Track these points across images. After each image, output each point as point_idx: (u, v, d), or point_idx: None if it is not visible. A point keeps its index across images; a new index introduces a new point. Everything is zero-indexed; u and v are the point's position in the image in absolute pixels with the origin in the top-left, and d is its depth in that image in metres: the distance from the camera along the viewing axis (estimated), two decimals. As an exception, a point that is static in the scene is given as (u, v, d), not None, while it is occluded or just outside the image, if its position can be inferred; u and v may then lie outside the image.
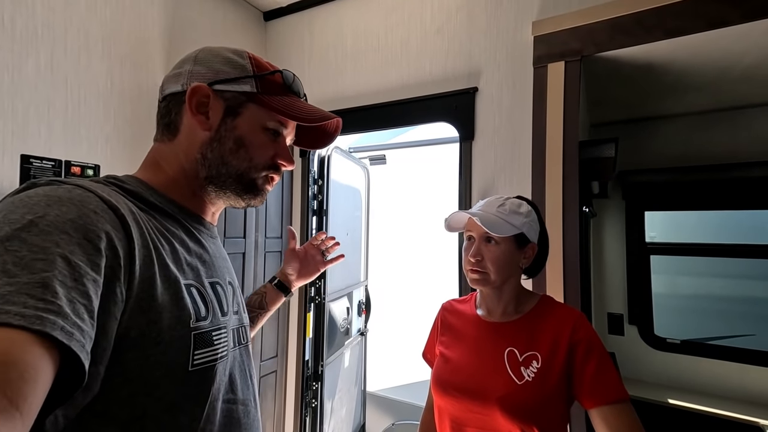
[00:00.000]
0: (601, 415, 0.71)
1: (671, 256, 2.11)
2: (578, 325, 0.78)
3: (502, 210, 0.82)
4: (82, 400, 0.38)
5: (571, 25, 1.32)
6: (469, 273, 0.84)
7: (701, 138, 1.94)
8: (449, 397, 0.82)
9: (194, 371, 0.46)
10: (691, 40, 1.20)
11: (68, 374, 0.34)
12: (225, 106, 0.55)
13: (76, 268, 0.35)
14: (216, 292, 0.54)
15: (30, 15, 1.17)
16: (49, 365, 0.32)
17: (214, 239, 0.62)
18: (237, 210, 1.69)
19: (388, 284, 3.77)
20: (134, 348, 0.41)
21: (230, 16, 1.88)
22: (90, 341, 0.35)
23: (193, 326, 0.46)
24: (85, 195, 0.41)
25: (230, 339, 0.54)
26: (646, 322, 2.05)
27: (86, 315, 0.35)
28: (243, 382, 0.56)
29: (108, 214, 0.41)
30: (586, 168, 1.39)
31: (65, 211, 0.38)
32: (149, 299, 0.42)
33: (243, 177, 0.57)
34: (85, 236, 0.38)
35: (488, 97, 1.52)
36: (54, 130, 1.23)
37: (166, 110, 0.56)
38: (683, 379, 1.93)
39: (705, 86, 1.59)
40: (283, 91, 0.58)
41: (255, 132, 0.56)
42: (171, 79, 0.56)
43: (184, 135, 0.56)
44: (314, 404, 2.02)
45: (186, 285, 0.48)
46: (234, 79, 0.55)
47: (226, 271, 0.60)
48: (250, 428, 0.55)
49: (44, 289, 0.33)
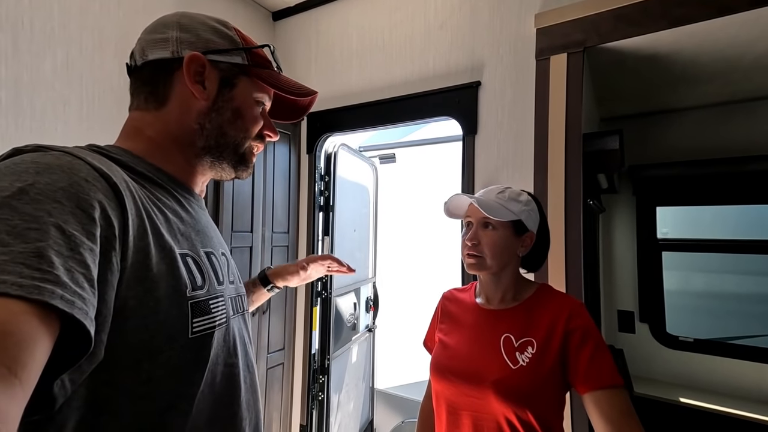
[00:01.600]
0: (593, 399, 0.71)
1: (684, 253, 2.06)
2: (575, 312, 0.78)
3: (502, 197, 0.84)
4: (88, 366, 0.38)
5: (573, 17, 1.31)
6: (466, 258, 0.85)
7: (716, 131, 1.89)
8: (446, 382, 0.83)
9: (194, 338, 0.47)
10: (697, 28, 1.18)
11: (74, 341, 0.34)
12: (220, 77, 0.55)
13: (71, 238, 0.35)
14: (211, 261, 0.54)
15: (47, 17, 1.23)
16: (47, 334, 0.32)
17: (204, 210, 0.62)
18: (244, 204, 1.73)
19: (399, 282, 3.77)
20: (134, 317, 0.41)
21: (240, 16, 1.93)
22: (93, 309, 0.35)
23: (189, 295, 0.47)
24: (75, 162, 0.40)
25: (228, 307, 0.55)
26: (657, 319, 2.01)
27: (86, 284, 0.35)
28: (242, 348, 0.57)
29: (100, 182, 0.40)
30: (591, 161, 1.38)
31: (56, 179, 0.37)
32: (145, 269, 0.42)
33: (238, 147, 0.58)
34: (78, 205, 0.37)
35: (491, 91, 1.52)
36: (70, 127, 1.29)
37: (151, 77, 0.54)
38: (696, 378, 1.89)
39: (715, 77, 1.55)
40: (268, 65, 0.60)
41: (248, 104, 0.58)
42: (153, 44, 0.54)
43: (175, 104, 0.54)
44: (321, 397, 2.04)
45: (181, 254, 0.48)
46: (226, 50, 0.55)
47: (218, 242, 0.61)
48: (248, 391, 0.57)
49: (40, 258, 0.32)
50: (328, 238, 2.09)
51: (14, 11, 1.16)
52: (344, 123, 1.92)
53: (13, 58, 1.16)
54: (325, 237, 2.09)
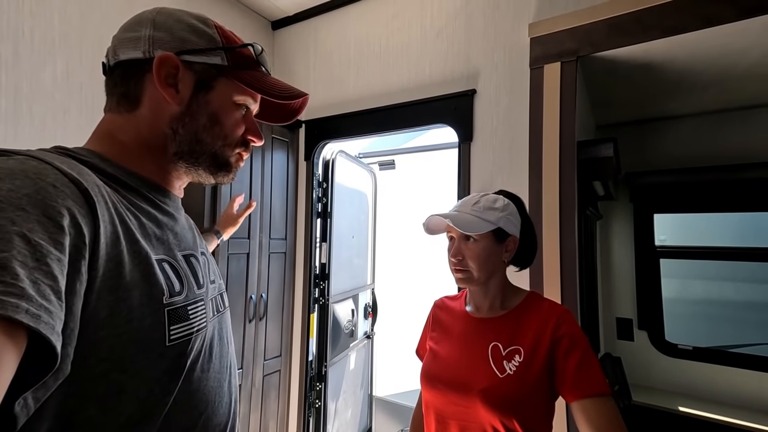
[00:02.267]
0: (581, 408, 0.71)
1: (682, 260, 2.06)
2: (561, 320, 0.78)
3: (477, 208, 0.83)
4: (53, 383, 0.36)
5: (567, 26, 1.33)
6: (454, 273, 0.85)
7: (712, 138, 1.89)
8: (435, 391, 0.83)
9: (171, 346, 0.45)
10: (688, 38, 1.19)
11: (37, 357, 0.33)
12: (195, 79, 0.51)
13: (37, 248, 0.33)
14: (190, 264, 0.52)
15: (48, 27, 1.25)
16: (12, 351, 0.30)
17: (180, 210, 0.59)
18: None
19: (398, 289, 3.77)
20: (106, 327, 0.39)
21: (239, 25, 1.96)
22: (60, 322, 0.34)
23: (166, 302, 0.45)
24: (41, 167, 0.38)
25: (209, 309, 0.53)
26: (656, 327, 2.00)
27: (53, 296, 0.33)
28: (220, 351, 0.55)
29: (69, 188, 0.38)
30: (586, 168, 1.39)
31: (19, 185, 0.35)
32: (117, 277, 0.41)
33: (217, 155, 0.54)
34: (44, 213, 0.35)
35: (486, 98, 1.54)
36: (69, 135, 1.31)
37: (122, 78, 0.51)
38: (695, 387, 1.87)
39: (709, 85, 1.56)
40: (253, 65, 0.56)
41: (227, 108, 0.54)
42: (125, 43, 0.50)
43: (147, 107, 0.51)
44: (318, 405, 2.03)
45: (158, 260, 0.46)
46: (203, 50, 0.51)
47: (197, 242, 0.58)
48: (225, 396, 0.54)
49: (2, 270, 0.30)
50: (326, 244, 2.09)
51: (15, 20, 1.18)
52: (342, 130, 1.94)
53: (13, 67, 1.18)
54: (323, 243, 2.10)
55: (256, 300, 1.80)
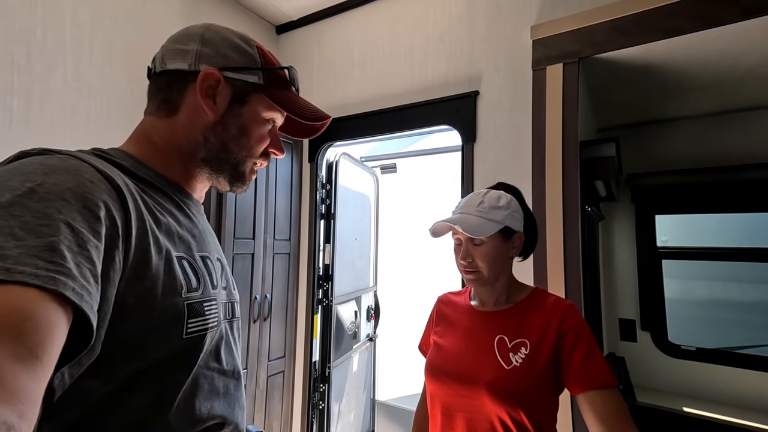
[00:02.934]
0: (587, 399, 0.71)
1: (684, 261, 2.06)
2: (567, 314, 0.79)
3: (482, 209, 0.82)
4: (86, 360, 0.39)
5: (569, 28, 1.35)
6: (464, 275, 0.86)
7: (713, 140, 1.91)
8: (440, 383, 0.83)
9: (187, 338, 0.47)
10: (687, 40, 1.21)
11: (76, 335, 0.35)
12: (232, 93, 0.56)
13: (79, 234, 0.36)
14: (206, 265, 0.55)
15: (60, 30, 1.28)
16: (63, 321, 0.33)
17: (202, 215, 0.63)
18: (247, 211, 1.76)
19: (401, 291, 3.77)
20: (131, 315, 0.42)
21: (245, 29, 1.97)
22: (96, 304, 0.37)
23: (185, 296, 0.48)
24: (80, 164, 0.42)
25: (220, 311, 0.55)
26: (659, 328, 2.00)
27: (92, 279, 0.36)
28: (228, 355, 0.57)
29: (104, 183, 0.42)
30: (588, 168, 1.40)
31: (62, 180, 0.39)
32: (144, 268, 0.44)
33: (238, 165, 0.58)
34: (84, 204, 0.39)
35: (489, 100, 1.56)
36: (78, 136, 1.33)
37: (166, 85, 0.56)
38: (699, 388, 1.87)
39: (708, 87, 1.58)
40: (285, 86, 0.60)
41: (257, 122, 0.58)
42: (174, 54, 0.55)
43: (185, 114, 0.55)
44: (321, 406, 2.03)
45: (177, 257, 0.49)
46: (243, 68, 0.56)
47: (214, 247, 0.61)
48: (230, 399, 0.56)
49: (52, 252, 0.34)
50: (329, 245, 2.11)
51: (27, 23, 1.21)
52: (345, 132, 1.96)
53: (25, 69, 1.20)
54: (326, 245, 2.11)
55: (260, 300, 1.81)
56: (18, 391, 0.28)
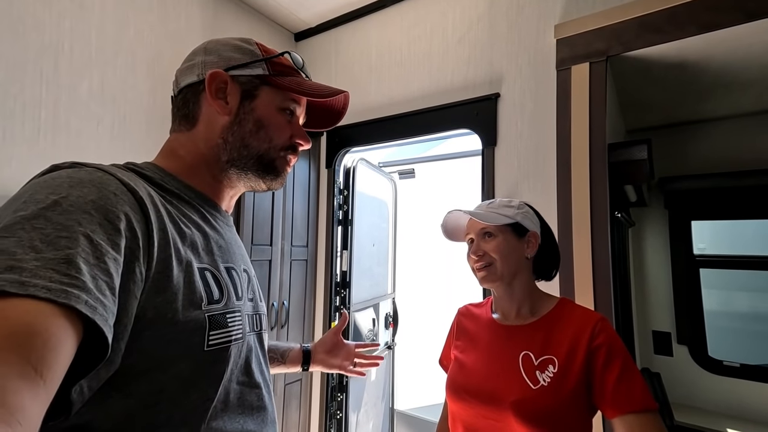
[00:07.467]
0: (624, 425, 0.65)
1: (724, 270, 1.93)
2: (598, 329, 0.73)
3: (492, 206, 0.85)
4: (105, 373, 0.39)
5: (595, 26, 1.29)
6: (477, 272, 0.83)
7: (752, 141, 1.78)
8: (462, 402, 0.79)
9: (209, 351, 0.47)
10: (728, 34, 1.13)
11: (93, 347, 0.35)
12: (241, 90, 0.57)
13: (98, 247, 0.37)
14: (231, 277, 0.54)
15: (86, 42, 1.32)
16: (72, 336, 0.33)
17: (230, 227, 0.63)
18: (264, 217, 1.76)
19: (420, 299, 3.71)
20: (151, 327, 0.42)
21: (264, 38, 2.01)
22: (112, 316, 0.36)
23: (205, 308, 0.47)
24: (106, 177, 0.43)
25: (245, 323, 0.55)
26: (698, 341, 1.87)
27: (108, 291, 0.36)
28: (257, 367, 0.56)
29: (127, 196, 0.43)
30: (617, 172, 1.33)
31: (86, 192, 0.40)
32: (165, 280, 0.44)
33: (263, 158, 0.58)
34: (105, 217, 0.39)
35: (510, 102, 1.51)
36: (102, 145, 1.36)
37: (183, 102, 0.58)
38: (745, 408, 1.73)
39: (750, 85, 1.47)
40: (292, 72, 0.60)
41: (272, 113, 0.58)
42: (185, 72, 0.58)
43: (203, 123, 0.57)
44: (339, 416, 2.00)
45: (200, 268, 0.49)
46: (246, 63, 0.57)
47: (241, 258, 0.61)
48: (262, 412, 0.55)
49: (68, 265, 0.34)
50: (347, 252, 2.08)
51: (56, 36, 1.25)
52: (363, 137, 1.94)
53: (53, 81, 1.24)
54: (344, 251, 2.09)
55: (278, 307, 1.80)
56: (18, 411, 0.28)
